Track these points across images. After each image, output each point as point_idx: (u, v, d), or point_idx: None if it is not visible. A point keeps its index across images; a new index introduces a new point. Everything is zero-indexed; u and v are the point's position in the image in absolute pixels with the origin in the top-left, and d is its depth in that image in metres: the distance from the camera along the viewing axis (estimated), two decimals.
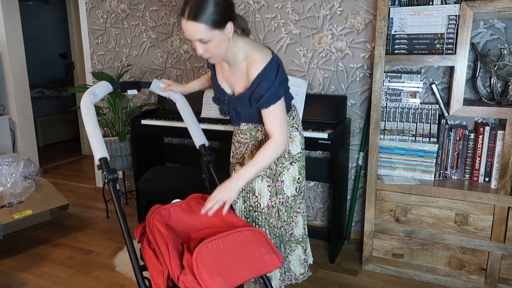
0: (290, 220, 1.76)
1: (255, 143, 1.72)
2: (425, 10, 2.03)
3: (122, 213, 1.44)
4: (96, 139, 1.46)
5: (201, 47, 1.45)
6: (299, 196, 1.76)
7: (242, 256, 1.35)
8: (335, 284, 2.24)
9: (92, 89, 1.55)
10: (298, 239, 1.81)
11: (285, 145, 1.56)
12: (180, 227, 1.50)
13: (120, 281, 2.27)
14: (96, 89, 1.56)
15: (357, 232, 2.74)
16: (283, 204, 1.72)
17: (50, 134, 5.59)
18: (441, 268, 2.19)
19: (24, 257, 2.56)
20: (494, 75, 2.04)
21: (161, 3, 3.07)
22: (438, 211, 2.12)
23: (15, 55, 3.79)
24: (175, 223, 1.51)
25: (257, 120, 1.63)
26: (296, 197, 1.75)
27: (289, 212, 1.75)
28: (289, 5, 2.63)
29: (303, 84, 2.55)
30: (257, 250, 1.38)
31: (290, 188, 1.71)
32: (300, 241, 1.81)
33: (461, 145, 2.17)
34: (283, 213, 1.74)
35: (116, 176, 1.45)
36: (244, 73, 1.55)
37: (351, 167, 2.68)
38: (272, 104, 1.52)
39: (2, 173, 2.68)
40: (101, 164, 1.44)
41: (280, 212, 1.73)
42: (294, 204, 1.76)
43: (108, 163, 1.46)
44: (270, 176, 1.69)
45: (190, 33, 1.41)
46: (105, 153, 1.46)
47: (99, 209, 3.34)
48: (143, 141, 2.95)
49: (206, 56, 1.49)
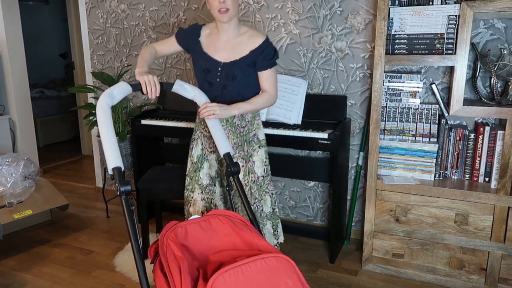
0: (260, 198, 1.98)
1: (231, 128, 1.91)
2: (425, 10, 2.03)
3: (134, 231, 1.27)
4: (111, 146, 1.34)
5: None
6: (267, 177, 2.00)
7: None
8: (335, 284, 2.24)
9: (109, 91, 1.44)
10: (267, 215, 2.01)
11: (274, 101, 1.91)
12: (198, 247, 1.37)
13: (120, 281, 2.27)
14: (114, 90, 1.46)
15: (357, 232, 2.74)
16: (254, 182, 1.95)
17: (50, 134, 5.59)
18: (441, 268, 2.19)
19: (24, 257, 2.56)
20: (494, 75, 2.04)
21: (161, 3, 3.07)
22: (438, 211, 2.13)
23: (15, 55, 3.79)
24: (192, 243, 1.37)
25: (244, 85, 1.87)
26: (265, 178, 1.98)
27: (259, 191, 1.97)
28: (289, 5, 2.63)
29: (303, 84, 2.55)
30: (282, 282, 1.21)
31: (260, 168, 1.96)
32: (269, 218, 2.02)
33: (461, 145, 2.17)
34: (255, 191, 1.96)
35: (129, 189, 1.31)
36: (247, 40, 1.84)
37: (351, 167, 2.68)
38: (273, 66, 1.87)
39: (2, 173, 2.68)
40: (114, 175, 1.31)
41: (252, 189, 1.95)
42: (263, 184, 1.98)
43: (121, 173, 1.32)
44: (244, 157, 1.93)
45: None
46: (119, 163, 1.33)
47: (99, 209, 3.34)
48: (143, 141, 2.95)
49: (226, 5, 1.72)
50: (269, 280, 1.20)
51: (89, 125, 2.99)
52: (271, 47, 1.85)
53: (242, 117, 1.90)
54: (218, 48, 1.87)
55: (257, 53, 1.82)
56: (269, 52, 1.83)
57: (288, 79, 2.59)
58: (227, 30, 1.84)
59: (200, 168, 1.95)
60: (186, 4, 2.97)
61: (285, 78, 2.60)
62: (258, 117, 1.98)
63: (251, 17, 2.76)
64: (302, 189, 2.85)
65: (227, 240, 1.41)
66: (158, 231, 2.79)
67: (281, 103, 2.54)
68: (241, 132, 1.92)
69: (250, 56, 1.82)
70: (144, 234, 2.42)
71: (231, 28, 1.84)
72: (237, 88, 1.86)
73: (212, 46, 1.88)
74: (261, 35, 1.86)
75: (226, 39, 1.86)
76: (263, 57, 1.82)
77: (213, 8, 1.77)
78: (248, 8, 2.76)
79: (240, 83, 1.85)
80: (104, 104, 1.41)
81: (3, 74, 3.77)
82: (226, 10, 1.74)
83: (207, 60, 1.87)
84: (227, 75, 1.84)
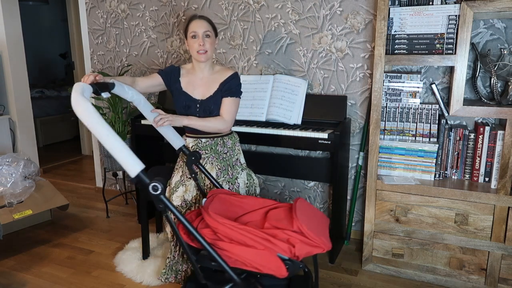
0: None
1: (215, 155, 2.08)
2: (425, 10, 2.03)
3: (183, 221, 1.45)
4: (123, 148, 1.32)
5: (206, 40, 2.01)
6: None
7: (316, 216, 1.60)
8: (335, 284, 2.24)
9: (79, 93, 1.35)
10: None
11: (225, 127, 2.06)
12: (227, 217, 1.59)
13: (120, 281, 2.27)
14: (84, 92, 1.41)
15: (357, 232, 2.74)
16: None
17: (50, 134, 5.59)
18: (441, 268, 2.19)
19: (24, 257, 2.56)
20: (494, 75, 2.03)
21: (161, 3, 3.07)
22: (438, 211, 2.12)
23: (15, 55, 3.79)
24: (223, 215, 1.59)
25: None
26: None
27: None
28: (289, 5, 2.63)
29: (303, 84, 2.55)
30: (315, 210, 1.67)
31: (243, 189, 2.11)
32: None
33: (461, 145, 2.17)
34: None
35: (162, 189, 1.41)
36: (218, 77, 2.08)
37: (351, 167, 2.68)
38: (235, 96, 2.06)
39: (2, 173, 2.68)
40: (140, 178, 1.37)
41: None
42: None
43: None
44: (229, 180, 2.07)
45: (201, 26, 2.00)
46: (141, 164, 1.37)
47: (99, 209, 3.34)
48: (143, 141, 2.95)
49: (205, 48, 2.00)
50: (309, 210, 1.61)
51: None
52: (236, 80, 2.08)
53: (224, 144, 2.10)
54: (195, 86, 2.10)
55: (224, 84, 2.06)
56: (234, 83, 2.06)
57: (288, 79, 2.59)
58: (203, 69, 2.09)
59: (174, 191, 2.04)
60: (186, 4, 2.97)
61: (285, 78, 2.60)
62: (237, 143, 2.19)
63: (251, 17, 2.76)
64: (302, 189, 2.85)
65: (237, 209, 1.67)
66: (158, 231, 2.79)
67: (281, 103, 2.54)
68: (224, 158, 2.09)
69: (220, 87, 2.06)
70: (144, 234, 2.42)
71: (207, 68, 2.10)
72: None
73: (190, 84, 2.11)
74: (231, 70, 2.11)
75: (201, 76, 2.10)
76: (228, 86, 2.05)
77: (192, 49, 2.03)
78: (248, 8, 2.76)
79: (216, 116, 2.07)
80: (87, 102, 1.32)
81: (3, 74, 3.77)
82: (205, 51, 2.01)
83: (187, 98, 2.09)
84: (205, 110, 2.06)
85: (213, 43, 2.05)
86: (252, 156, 2.81)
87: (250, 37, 2.80)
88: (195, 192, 2.02)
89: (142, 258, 2.43)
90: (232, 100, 2.06)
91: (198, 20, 2.02)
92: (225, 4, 2.83)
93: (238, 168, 2.12)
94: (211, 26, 2.05)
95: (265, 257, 1.39)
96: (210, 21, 2.07)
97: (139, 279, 2.25)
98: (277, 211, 1.65)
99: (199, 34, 2.00)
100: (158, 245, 2.58)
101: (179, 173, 2.10)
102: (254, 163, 2.48)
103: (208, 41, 2.01)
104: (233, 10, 2.81)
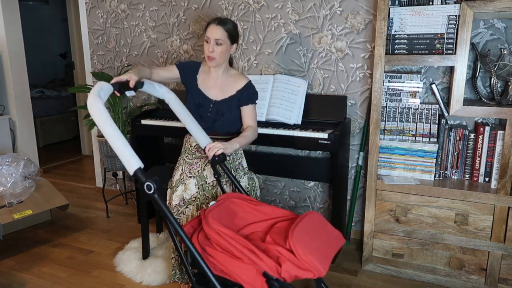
0: None
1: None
2: (425, 10, 2.03)
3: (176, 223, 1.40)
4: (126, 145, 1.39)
5: (216, 48, 1.99)
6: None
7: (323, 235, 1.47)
8: (335, 284, 2.23)
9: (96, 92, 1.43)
10: None
11: (257, 133, 2.11)
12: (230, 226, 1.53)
13: (120, 281, 2.27)
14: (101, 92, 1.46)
15: (357, 232, 2.74)
16: None
17: (50, 134, 5.59)
18: (441, 268, 2.19)
19: (24, 257, 2.56)
20: (494, 75, 2.03)
21: (161, 3, 3.07)
22: (438, 211, 2.12)
23: (15, 55, 3.79)
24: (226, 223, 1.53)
25: (230, 121, 2.10)
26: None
27: None
28: (289, 5, 2.63)
29: (303, 84, 2.55)
30: (327, 227, 1.55)
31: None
32: None
33: (461, 145, 2.17)
34: None
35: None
36: (234, 82, 2.10)
37: (351, 167, 2.68)
38: (255, 103, 2.12)
39: (2, 173, 2.68)
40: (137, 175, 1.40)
41: None
42: None
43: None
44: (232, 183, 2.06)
45: (214, 33, 1.98)
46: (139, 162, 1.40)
47: (99, 209, 3.34)
48: (143, 141, 2.95)
49: (213, 55, 1.99)
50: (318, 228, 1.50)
51: (89, 125, 2.99)
52: (253, 88, 2.11)
53: None
54: (209, 86, 2.11)
55: (242, 92, 2.08)
56: (251, 91, 2.10)
57: (288, 79, 2.59)
58: (217, 70, 2.10)
59: (175, 191, 2.03)
60: (186, 4, 2.97)
61: (285, 78, 2.60)
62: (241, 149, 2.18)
63: (251, 17, 2.76)
64: (302, 189, 2.85)
65: (246, 216, 1.61)
66: (158, 231, 2.79)
67: (281, 103, 2.54)
68: (227, 161, 2.07)
69: (237, 95, 2.08)
70: (144, 234, 2.42)
71: (221, 70, 2.10)
72: (224, 124, 2.10)
73: (204, 83, 2.12)
74: (246, 78, 2.13)
75: (216, 77, 2.11)
76: (246, 95, 2.08)
77: (205, 51, 2.03)
78: (248, 8, 2.76)
79: (227, 119, 2.09)
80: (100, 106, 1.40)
81: (3, 74, 3.77)
82: (213, 58, 2.00)
83: (201, 96, 2.10)
84: (217, 112, 2.08)
85: (225, 52, 2.01)
86: (252, 156, 2.81)
87: (250, 37, 2.80)
88: (195, 190, 2.01)
89: (142, 258, 2.43)
90: (253, 107, 2.12)
91: (215, 26, 1.99)
92: (225, 4, 2.83)
93: (240, 172, 2.11)
94: (227, 33, 1.99)
95: (248, 272, 1.30)
96: (230, 27, 2.01)
97: (139, 279, 2.25)
98: (284, 224, 1.55)
99: (210, 40, 1.98)
100: (158, 245, 2.58)
101: (179, 172, 2.10)
102: (254, 163, 2.48)
103: (219, 48, 1.98)
104: (233, 10, 2.81)
